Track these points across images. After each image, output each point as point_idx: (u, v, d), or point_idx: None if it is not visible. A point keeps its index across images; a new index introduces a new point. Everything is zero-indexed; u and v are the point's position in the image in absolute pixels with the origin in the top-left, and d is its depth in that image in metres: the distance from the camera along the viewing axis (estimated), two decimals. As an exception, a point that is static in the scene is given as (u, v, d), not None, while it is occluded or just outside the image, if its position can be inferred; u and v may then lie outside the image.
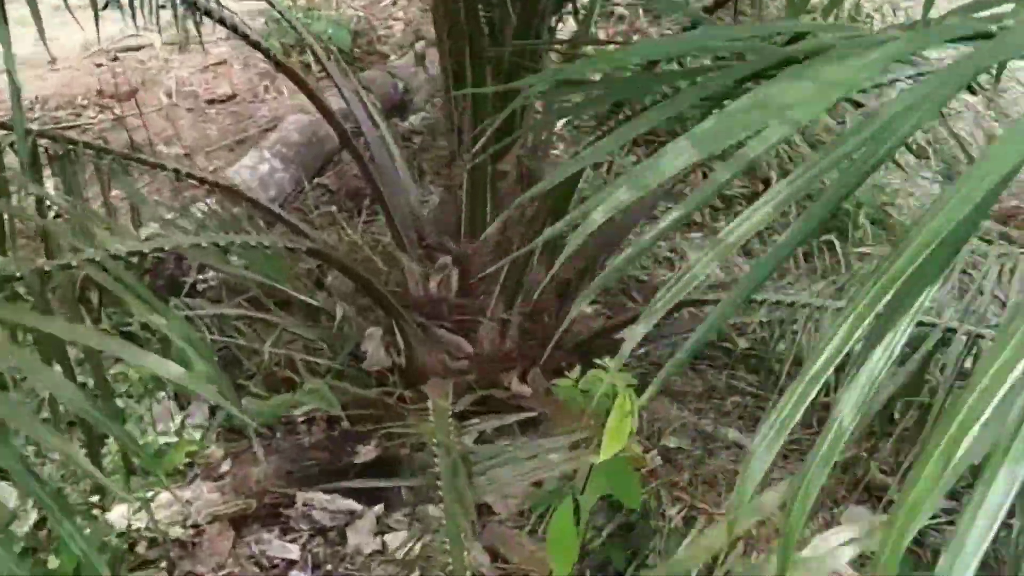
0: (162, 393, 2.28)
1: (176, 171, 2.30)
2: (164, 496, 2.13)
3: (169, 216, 2.49)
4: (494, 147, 2.25)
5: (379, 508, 2.23)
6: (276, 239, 1.95)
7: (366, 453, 2.26)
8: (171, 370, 1.24)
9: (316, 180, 3.35)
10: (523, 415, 2.08)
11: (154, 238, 1.81)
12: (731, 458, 2.47)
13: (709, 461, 2.45)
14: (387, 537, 2.17)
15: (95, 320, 1.85)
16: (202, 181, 2.34)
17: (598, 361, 2.27)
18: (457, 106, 2.35)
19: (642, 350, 2.72)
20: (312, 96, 2.54)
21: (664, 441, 2.52)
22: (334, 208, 3.15)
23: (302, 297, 2.50)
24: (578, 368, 2.32)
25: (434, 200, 3.10)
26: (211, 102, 4.20)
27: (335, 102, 2.75)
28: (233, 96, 4.23)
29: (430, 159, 3.41)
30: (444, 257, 2.40)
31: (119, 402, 2.18)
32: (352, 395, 2.36)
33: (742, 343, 2.74)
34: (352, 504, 2.22)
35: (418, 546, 2.07)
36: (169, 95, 4.16)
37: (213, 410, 2.39)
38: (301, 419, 2.37)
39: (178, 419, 2.35)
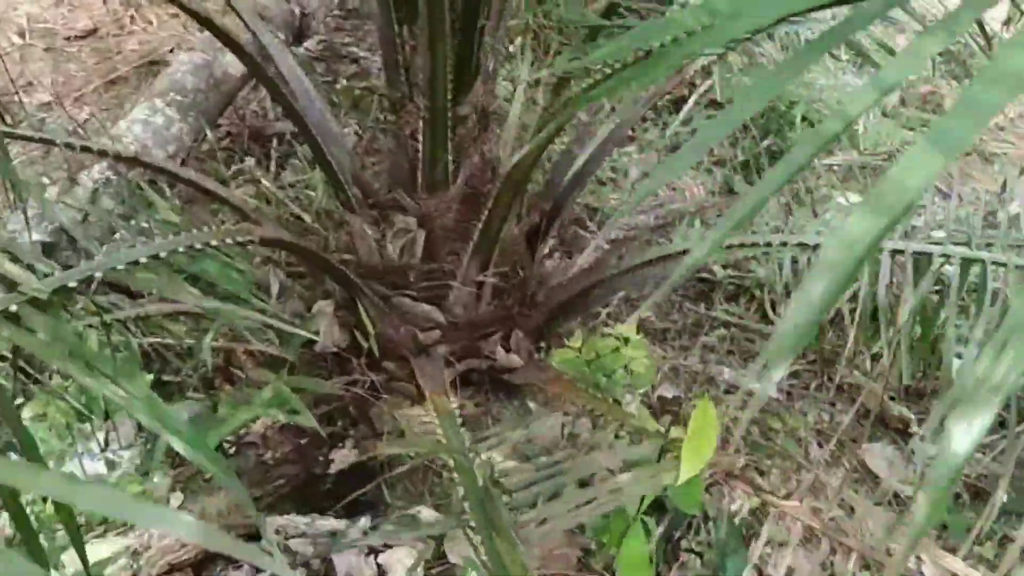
0: (87, 425, 1.72)
1: (69, 145, 1.70)
2: (106, 548, 1.62)
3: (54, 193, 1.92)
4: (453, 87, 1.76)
5: (365, 521, 1.76)
6: (224, 234, 1.41)
7: (342, 459, 1.78)
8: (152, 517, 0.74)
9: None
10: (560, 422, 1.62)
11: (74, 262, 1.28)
12: (736, 405, 2.09)
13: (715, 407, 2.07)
14: (382, 558, 1.71)
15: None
16: (102, 153, 1.75)
17: (610, 331, 1.85)
18: (403, 42, 1.81)
19: (621, 294, 2.30)
20: (209, 24, 1.88)
21: (659, 391, 2.13)
22: (251, 162, 2.55)
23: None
24: (578, 333, 1.90)
25: (351, 139, 2.56)
26: (71, 39, 3.45)
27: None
28: (95, 30, 3.48)
29: (341, 92, 2.82)
30: (404, 217, 1.89)
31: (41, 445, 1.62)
32: (313, 391, 1.87)
33: (719, 271, 2.34)
34: (333, 523, 1.74)
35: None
36: (21, 34, 3.38)
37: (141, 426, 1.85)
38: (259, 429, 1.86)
39: (102, 436, 1.81)
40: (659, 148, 2.89)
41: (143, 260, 1.24)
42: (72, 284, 1.17)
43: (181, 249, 1.30)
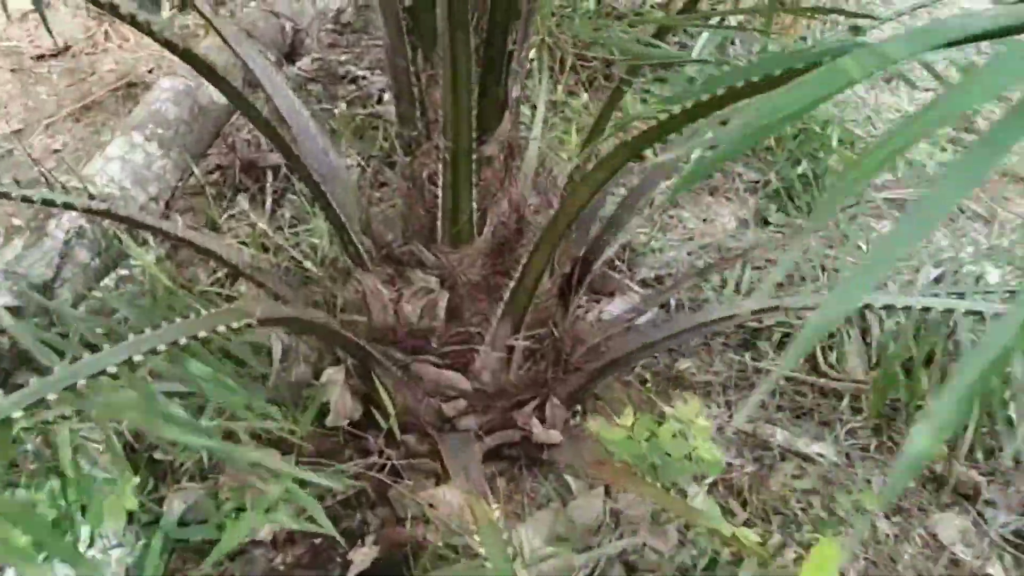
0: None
1: (26, 199, 1.45)
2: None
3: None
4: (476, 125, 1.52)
5: (389, 627, 1.54)
6: (214, 322, 1.18)
7: (363, 558, 1.55)
8: None
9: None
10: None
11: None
12: (794, 473, 1.87)
13: (771, 477, 1.85)
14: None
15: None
16: (68, 207, 1.50)
17: (670, 411, 1.62)
18: (418, 71, 1.57)
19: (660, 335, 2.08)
20: (187, 56, 1.58)
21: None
22: (244, 200, 2.30)
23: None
24: (628, 410, 1.67)
25: (355, 172, 2.32)
26: (40, 58, 3.19)
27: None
28: (67, 48, 3.22)
29: (339, 120, 2.57)
30: (422, 275, 1.65)
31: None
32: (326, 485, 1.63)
33: (766, 317, 2.11)
34: (354, 632, 1.52)
35: None
36: (-15, 55, 3.13)
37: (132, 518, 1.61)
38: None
39: (86, 532, 1.57)
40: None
41: (112, 370, 1.01)
42: (17, 415, 0.93)
43: (161, 347, 1.06)
